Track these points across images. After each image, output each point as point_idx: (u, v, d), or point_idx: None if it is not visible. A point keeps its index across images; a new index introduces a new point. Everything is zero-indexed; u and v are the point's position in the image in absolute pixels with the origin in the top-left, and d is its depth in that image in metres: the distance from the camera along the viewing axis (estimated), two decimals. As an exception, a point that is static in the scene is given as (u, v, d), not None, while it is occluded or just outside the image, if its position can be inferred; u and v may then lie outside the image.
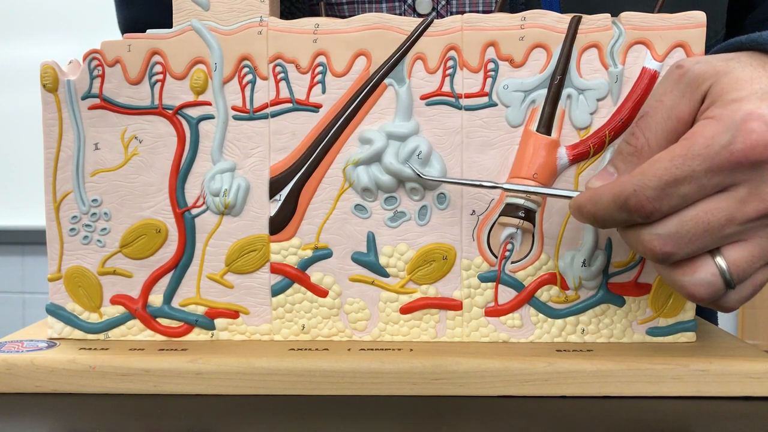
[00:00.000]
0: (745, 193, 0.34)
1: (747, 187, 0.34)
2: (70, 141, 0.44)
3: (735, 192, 0.34)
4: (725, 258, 0.35)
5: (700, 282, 0.35)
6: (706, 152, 0.34)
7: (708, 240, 0.35)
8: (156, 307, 0.45)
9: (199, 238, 0.44)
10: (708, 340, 0.44)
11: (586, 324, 0.44)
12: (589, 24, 0.42)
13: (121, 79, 0.44)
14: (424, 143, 0.43)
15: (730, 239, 0.35)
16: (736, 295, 0.36)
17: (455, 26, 0.43)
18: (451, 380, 0.39)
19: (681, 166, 0.34)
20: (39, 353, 0.41)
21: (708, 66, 0.36)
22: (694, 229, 0.34)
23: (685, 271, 0.36)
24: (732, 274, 0.35)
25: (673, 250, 0.35)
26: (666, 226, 0.35)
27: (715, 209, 0.34)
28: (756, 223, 0.34)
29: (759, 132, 0.33)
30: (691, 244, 0.35)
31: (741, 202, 0.34)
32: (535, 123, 0.43)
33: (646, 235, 0.35)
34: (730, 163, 0.33)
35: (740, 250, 0.35)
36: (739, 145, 0.33)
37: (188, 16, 0.44)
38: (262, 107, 0.44)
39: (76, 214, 0.45)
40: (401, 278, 0.44)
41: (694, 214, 0.34)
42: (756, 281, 0.36)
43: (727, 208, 0.34)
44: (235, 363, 0.40)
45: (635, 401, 0.39)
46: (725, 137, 0.33)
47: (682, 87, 0.36)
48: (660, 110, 0.36)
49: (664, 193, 0.34)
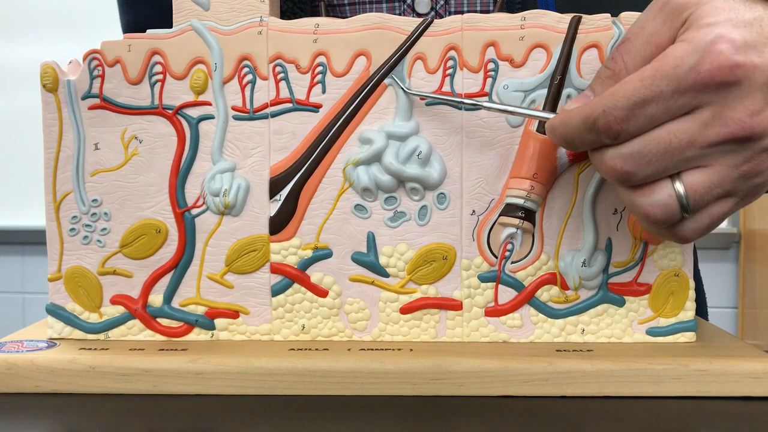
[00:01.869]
0: (708, 117, 0.34)
1: (711, 110, 0.34)
2: (70, 141, 0.44)
3: (699, 115, 0.34)
4: (683, 182, 0.35)
5: (656, 203, 0.36)
6: (674, 72, 0.34)
7: (668, 161, 0.35)
8: (156, 307, 0.45)
9: (199, 238, 0.44)
10: (708, 340, 0.44)
11: (586, 324, 0.44)
12: (589, 24, 0.42)
13: (121, 79, 0.44)
14: (424, 143, 0.43)
15: (690, 164, 0.35)
16: (692, 224, 0.36)
17: (455, 26, 0.43)
18: (451, 380, 0.39)
19: (650, 87, 0.34)
20: (39, 353, 0.41)
21: None
22: (656, 150, 0.35)
23: (643, 192, 0.36)
24: (689, 198, 0.35)
25: (634, 170, 0.35)
26: (629, 146, 0.35)
27: (678, 131, 0.34)
28: (717, 148, 0.35)
29: (726, 53, 0.33)
30: (651, 165, 0.35)
31: (704, 125, 0.34)
32: (535, 123, 0.43)
33: (610, 154, 0.36)
34: (697, 84, 0.34)
35: (699, 175, 0.35)
36: (707, 65, 0.33)
37: (188, 16, 0.44)
38: (262, 107, 0.44)
39: (76, 214, 0.45)
40: (401, 278, 0.44)
41: (657, 134, 0.35)
42: (714, 212, 0.36)
43: (689, 130, 0.34)
44: (235, 363, 0.40)
45: (635, 401, 0.39)
46: (693, 58, 0.34)
47: (663, 15, 0.36)
48: (640, 36, 0.37)
49: (632, 114, 0.34)
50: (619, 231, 0.44)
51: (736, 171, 0.35)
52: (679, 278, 0.44)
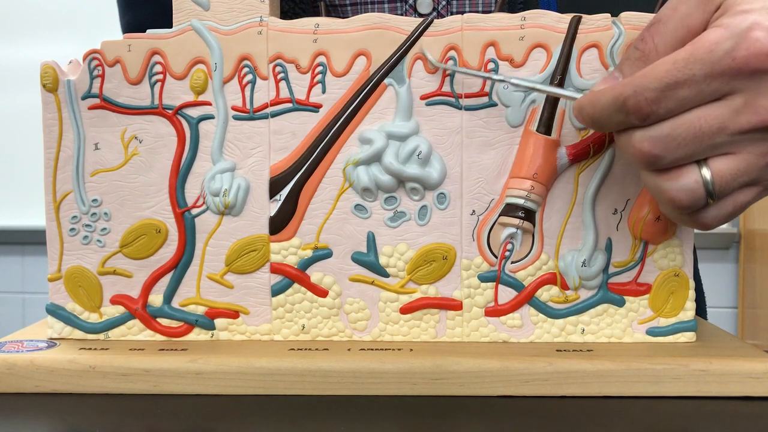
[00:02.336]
0: (740, 103, 0.34)
1: (743, 97, 0.34)
2: (70, 141, 0.44)
3: (731, 101, 0.34)
4: (710, 167, 0.35)
5: (682, 187, 0.35)
6: (708, 57, 0.34)
7: (697, 146, 0.35)
8: (156, 307, 0.45)
9: (199, 238, 0.44)
10: (708, 340, 0.44)
11: (586, 324, 0.44)
12: (589, 24, 0.42)
13: (121, 79, 0.44)
14: (424, 143, 0.43)
15: (719, 150, 0.35)
16: (716, 211, 0.36)
17: (455, 26, 0.43)
18: (451, 380, 0.39)
19: (682, 69, 0.34)
20: (39, 353, 0.41)
21: None
22: (685, 134, 0.34)
23: (670, 176, 0.36)
24: (715, 184, 0.35)
25: (662, 153, 0.35)
26: (658, 128, 0.35)
27: (708, 116, 0.34)
28: (746, 136, 0.34)
29: (762, 41, 0.33)
30: (680, 149, 0.35)
31: (735, 111, 0.34)
32: (535, 123, 0.43)
33: (638, 136, 0.35)
34: (731, 69, 0.33)
35: (727, 161, 0.35)
36: (742, 51, 0.33)
37: (188, 16, 0.44)
38: (262, 107, 0.44)
39: (76, 214, 0.45)
40: (401, 278, 0.44)
41: (687, 118, 0.35)
42: (738, 200, 0.36)
43: (720, 116, 0.34)
44: (235, 363, 0.40)
45: (635, 401, 0.39)
46: (729, 43, 0.34)
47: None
48: (673, 18, 0.36)
49: (663, 95, 0.34)
50: (619, 231, 0.44)
51: (763, 159, 0.35)
52: (679, 278, 0.44)
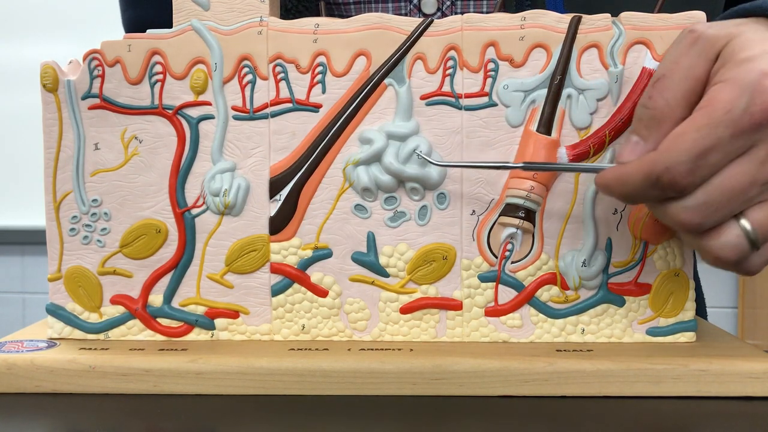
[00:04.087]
0: (764, 154, 0.34)
1: (766, 148, 0.34)
2: (70, 141, 0.44)
3: (755, 154, 0.35)
4: (749, 219, 0.35)
5: (726, 244, 0.36)
6: (728, 118, 0.34)
7: (734, 205, 0.35)
8: (156, 307, 0.45)
9: (199, 238, 0.44)
10: (708, 340, 0.44)
11: (586, 324, 0.44)
12: (589, 24, 0.42)
13: (121, 79, 0.44)
14: (424, 143, 0.43)
15: (753, 201, 0.35)
16: (759, 258, 0.37)
17: (455, 26, 0.43)
18: (451, 380, 0.39)
19: (708, 136, 0.34)
20: (39, 353, 0.41)
21: (721, 29, 0.36)
22: (720, 197, 0.35)
23: (711, 236, 0.36)
24: (757, 233, 0.35)
25: (702, 221, 0.35)
26: (693, 198, 0.35)
27: (737, 174, 0.35)
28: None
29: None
30: (718, 212, 0.35)
31: (761, 163, 0.34)
32: (535, 123, 0.43)
33: (674, 208, 0.36)
34: (753, 125, 0.34)
35: (763, 210, 0.35)
36: (758, 106, 0.34)
37: (188, 16, 0.44)
38: (262, 107, 0.44)
39: (76, 214, 0.45)
40: (401, 278, 0.44)
41: (718, 182, 0.35)
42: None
43: (748, 171, 0.35)
44: (235, 363, 0.40)
45: (635, 401, 0.39)
46: (743, 100, 0.34)
47: (697, 48, 0.36)
48: (677, 71, 0.37)
49: (695, 166, 0.34)
50: (619, 231, 0.44)
51: None
52: (679, 278, 0.44)
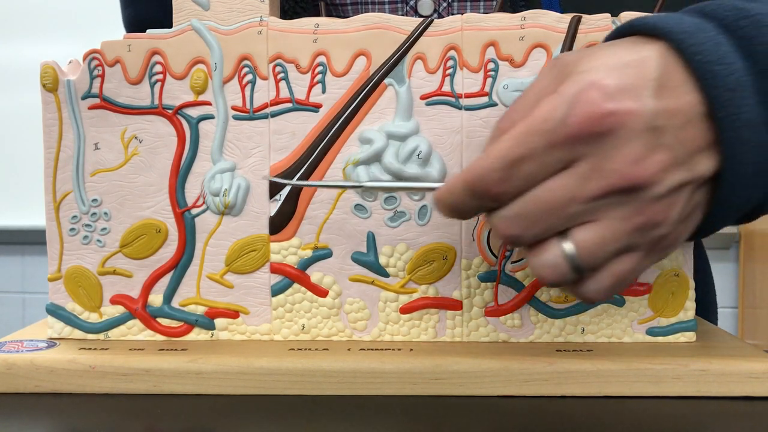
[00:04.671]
0: (586, 169, 0.32)
1: (588, 163, 0.32)
2: (70, 141, 0.44)
3: (577, 168, 0.32)
4: (573, 239, 0.33)
5: (545, 264, 0.34)
6: (544, 127, 0.32)
7: (553, 220, 0.33)
8: (156, 307, 0.45)
9: (199, 238, 0.44)
10: (708, 340, 0.44)
11: (586, 324, 0.44)
12: (589, 24, 0.42)
13: (121, 79, 0.44)
14: (424, 143, 0.43)
15: (577, 220, 0.33)
16: (595, 285, 0.34)
17: (455, 26, 0.43)
18: (451, 380, 0.39)
19: (522, 145, 0.32)
20: (39, 353, 0.41)
21: (577, 52, 0.35)
22: (537, 210, 0.33)
23: (534, 252, 0.34)
24: (580, 256, 0.33)
25: (519, 233, 0.33)
26: (510, 208, 0.33)
27: (556, 188, 0.32)
28: (602, 201, 0.32)
29: (595, 102, 0.31)
30: (536, 226, 0.33)
31: (582, 178, 0.32)
32: (535, 123, 0.43)
33: (494, 218, 0.34)
34: (568, 137, 0.32)
35: (588, 231, 0.33)
36: (575, 117, 0.31)
37: (188, 16, 0.44)
38: (262, 107, 0.44)
39: (76, 214, 0.45)
40: (401, 278, 0.44)
41: (536, 194, 0.33)
42: (616, 270, 0.34)
43: (568, 185, 0.32)
44: (235, 363, 0.40)
45: (635, 401, 0.39)
46: (561, 111, 0.32)
47: (553, 71, 0.35)
48: (531, 91, 0.35)
49: (508, 174, 0.33)
50: (619, 231, 0.43)
51: (628, 224, 0.33)
52: (679, 278, 0.44)
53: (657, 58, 0.33)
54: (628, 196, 0.32)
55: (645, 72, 0.33)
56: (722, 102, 0.32)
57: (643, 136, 0.32)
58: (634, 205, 0.33)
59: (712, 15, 0.35)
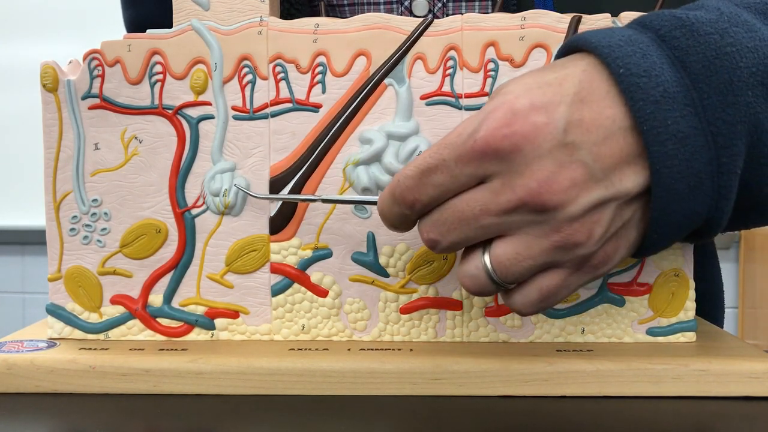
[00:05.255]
0: (498, 184, 0.33)
1: (500, 179, 0.33)
2: (70, 141, 0.44)
3: (490, 183, 0.34)
4: (490, 252, 0.35)
5: (466, 273, 0.35)
6: (455, 141, 0.34)
7: (467, 230, 0.34)
8: (156, 307, 0.45)
9: (199, 238, 0.44)
10: (708, 340, 0.44)
11: (586, 324, 0.44)
12: (590, 24, 0.42)
13: (121, 79, 0.44)
14: (424, 143, 0.43)
15: (491, 232, 0.34)
16: (521, 298, 0.35)
17: (455, 26, 0.43)
18: (451, 380, 0.39)
19: (434, 155, 0.34)
20: (39, 353, 0.41)
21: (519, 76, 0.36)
22: (452, 218, 0.34)
23: (461, 261, 0.36)
24: (495, 268, 0.34)
25: (436, 237, 0.35)
26: (432, 214, 0.35)
27: (470, 200, 0.34)
28: (515, 217, 0.33)
29: (501, 120, 0.32)
30: (451, 233, 0.35)
31: (494, 192, 0.33)
32: (535, 123, 0.43)
33: (419, 224, 0.36)
34: (474, 152, 0.33)
35: (504, 245, 0.34)
36: (482, 133, 0.33)
37: (188, 16, 0.44)
38: (262, 107, 0.44)
39: (76, 214, 0.45)
40: (401, 278, 0.44)
41: (453, 203, 0.34)
42: (542, 285, 0.35)
43: (481, 198, 0.34)
44: (235, 363, 0.40)
45: (635, 401, 0.39)
46: (472, 126, 0.33)
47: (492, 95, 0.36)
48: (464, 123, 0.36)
49: (420, 182, 0.34)
50: (619, 231, 0.43)
51: (546, 241, 0.33)
52: (679, 278, 0.44)
53: (579, 74, 0.33)
54: (541, 215, 0.33)
55: (563, 88, 0.33)
56: (645, 115, 0.32)
57: (554, 153, 0.32)
58: (550, 224, 0.33)
59: (649, 26, 0.35)
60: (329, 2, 0.55)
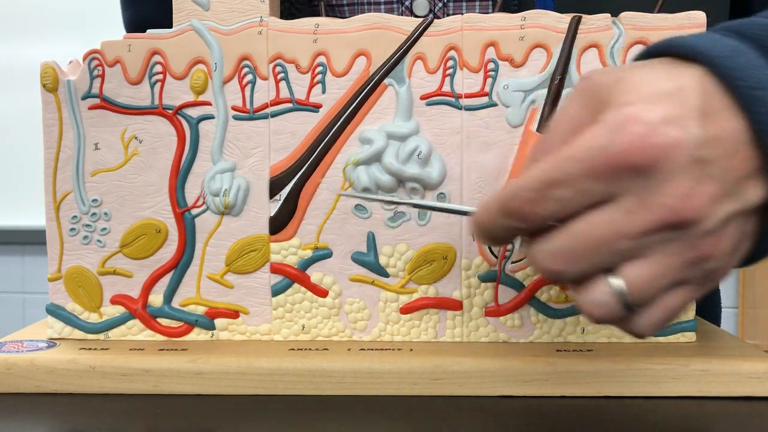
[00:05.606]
0: (632, 204, 0.31)
1: (633, 197, 0.31)
2: (70, 141, 0.44)
3: (621, 202, 0.31)
4: (623, 276, 0.32)
5: (594, 302, 0.32)
6: (582, 154, 0.31)
7: (600, 256, 0.32)
8: (156, 307, 0.45)
9: (199, 238, 0.44)
10: (708, 340, 0.44)
11: (586, 324, 0.44)
12: (590, 24, 0.42)
13: (121, 79, 0.44)
14: (424, 143, 0.43)
15: (627, 255, 0.32)
16: (646, 320, 0.33)
17: (455, 26, 0.43)
18: (451, 380, 0.39)
19: (558, 168, 0.31)
20: (39, 353, 0.41)
21: (610, 75, 0.34)
22: (583, 245, 0.31)
23: (582, 290, 0.33)
24: (630, 294, 0.32)
25: (564, 268, 0.32)
26: (554, 242, 0.32)
27: (601, 222, 0.31)
28: (652, 237, 0.31)
29: (638, 134, 0.31)
30: (581, 262, 0.32)
31: (628, 213, 0.31)
32: (535, 123, 0.43)
33: (537, 252, 0.33)
34: (607, 167, 0.31)
35: (639, 267, 0.32)
36: (617, 147, 0.30)
37: (188, 16, 0.44)
38: (262, 107, 0.44)
39: (76, 214, 0.45)
40: (401, 278, 0.44)
41: (581, 228, 0.32)
42: (668, 305, 0.33)
43: (614, 220, 0.31)
44: (235, 363, 0.40)
45: (635, 401, 0.39)
46: (603, 140, 0.31)
47: (583, 97, 0.34)
48: (562, 121, 0.34)
49: (540, 195, 0.32)
50: (619, 231, 0.43)
51: (679, 259, 0.32)
52: (679, 278, 0.44)
53: (698, 85, 0.32)
54: (678, 231, 0.31)
55: (687, 100, 0.32)
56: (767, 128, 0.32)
57: (690, 169, 0.31)
58: (686, 240, 0.32)
59: (748, 36, 0.34)
60: (329, 2, 0.55)
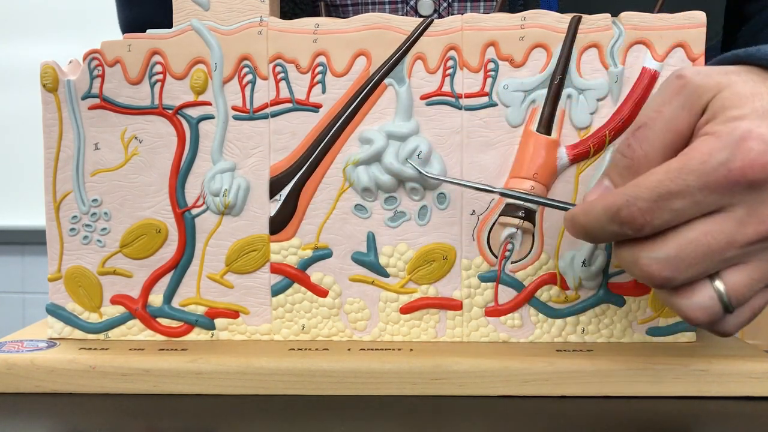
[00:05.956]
0: (743, 214, 0.33)
1: (745, 208, 0.33)
2: (70, 141, 0.44)
3: (733, 213, 0.33)
4: (724, 281, 0.34)
5: (698, 306, 0.34)
6: (702, 168, 0.33)
7: (708, 264, 0.34)
8: (156, 307, 0.45)
9: (199, 238, 0.44)
10: (708, 340, 0.44)
11: (586, 324, 0.44)
12: (589, 24, 0.42)
13: (121, 79, 0.44)
14: (424, 143, 0.43)
15: (729, 262, 0.34)
16: (735, 320, 0.35)
17: (455, 26, 0.43)
18: (451, 380, 0.39)
19: (675, 180, 0.33)
20: (39, 353, 0.41)
21: (709, 78, 0.35)
22: (694, 253, 0.33)
23: (683, 294, 0.35)
24: (731, 298, 0.34)
25: (673, 275, 0.34)
26: (665, 249, 0.34)
27: (714, 231, 0.33)
28: (756, 246, 0.34)
29: (757, 151, 0.32)
30: (691, 269, 0.34)
31: (740, 223, 0.33)
32: (535, 123, 0.43)
33: (645, 258, 0.34)
34: (727, 181, 0.33)
35: (740, 273, 0.34)
36: (738, 163, 0.32)
37: (188, 16, 0.44)
38: (262, 107, 0.44)
39: (76, 214, 0.45)
40: (401, 278, 0.44)
41: (693, 237, 0.33)
42: (755, 305, 0.35)
43: (726, 230, 0.33)
44: (235, 363, 0.40)
45: (635, 401, 0.39)
46: (723, 154, 0.33)
47: (682, 99, 0.35)
48: (658, 121, 0.35)
49: (656, 206, 0.33)
50: (619, 231, 0.43)
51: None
52: (679, 278, 0.44)
53: None
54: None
55: None
56: None
57: None
58: None
59: None
60: (332, 2, 0.55)
